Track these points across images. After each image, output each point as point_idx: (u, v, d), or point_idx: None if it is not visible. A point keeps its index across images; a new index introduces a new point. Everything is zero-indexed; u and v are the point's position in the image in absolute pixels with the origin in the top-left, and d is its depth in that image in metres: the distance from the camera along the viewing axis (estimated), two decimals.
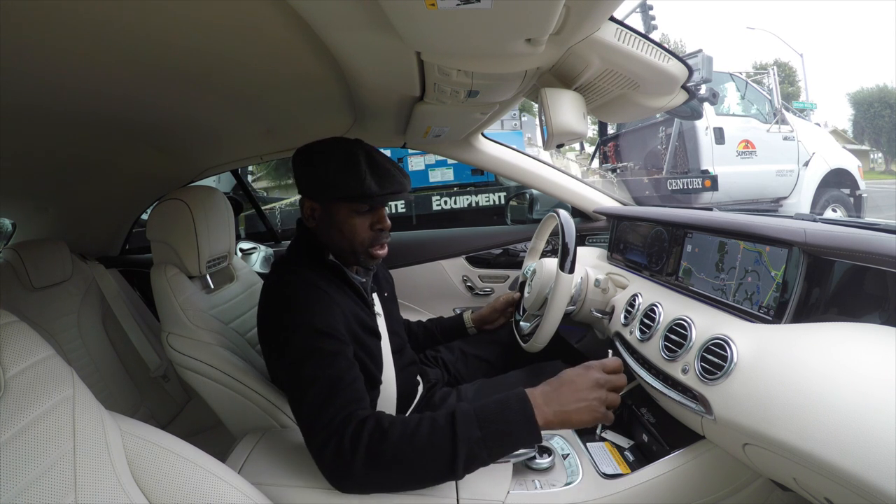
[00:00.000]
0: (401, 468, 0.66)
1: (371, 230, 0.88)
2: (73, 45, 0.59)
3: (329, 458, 0.67)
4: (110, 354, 1.45)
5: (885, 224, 0.77)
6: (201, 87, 0.83)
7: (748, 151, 4.83)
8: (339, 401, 0.70)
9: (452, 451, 0.65)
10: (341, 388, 0.72)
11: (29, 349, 0.53)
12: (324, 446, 0.67)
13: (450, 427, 0.67)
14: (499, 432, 0.67)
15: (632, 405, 0.98)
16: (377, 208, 0.89)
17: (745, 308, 0.79)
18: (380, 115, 1.19)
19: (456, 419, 0.67)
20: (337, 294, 0.84)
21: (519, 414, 0.68)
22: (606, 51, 0.75)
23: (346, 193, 0.83)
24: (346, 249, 0.88)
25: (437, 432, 0.67)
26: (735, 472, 0.77)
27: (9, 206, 1.49)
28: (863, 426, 0.50)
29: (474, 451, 0.66)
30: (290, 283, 0.82)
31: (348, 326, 0.82)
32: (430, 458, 0.66)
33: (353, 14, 0.59)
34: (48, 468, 0.48)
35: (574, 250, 0.98)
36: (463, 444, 0.65)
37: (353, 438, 0.66)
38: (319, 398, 0.70)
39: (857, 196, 5.14)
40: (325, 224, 0.88)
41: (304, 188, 0.88)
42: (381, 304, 1.01)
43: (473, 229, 1.85)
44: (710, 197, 4.47)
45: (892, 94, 15.45)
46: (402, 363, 1.00)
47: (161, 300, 1.02)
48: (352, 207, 0.85)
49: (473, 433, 0.66)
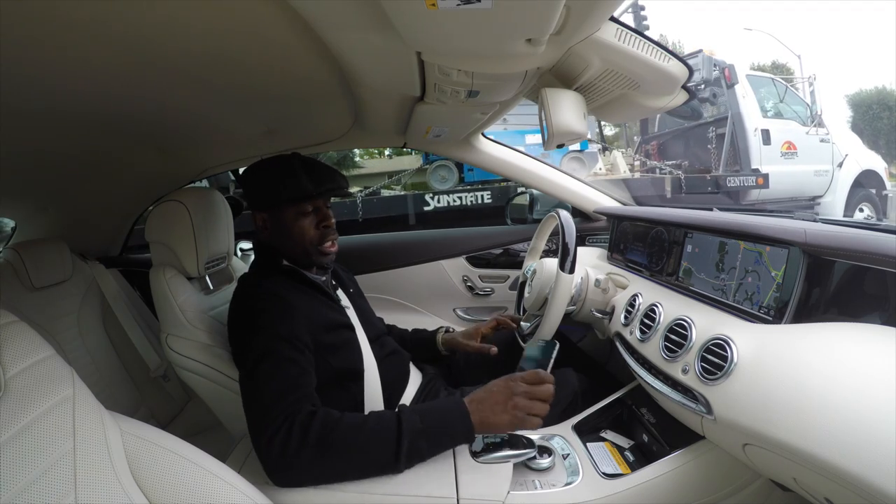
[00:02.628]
0: (347, 456, 0.70)
1: (317, 229, 0.95)
2: (74, 46, 0.59)
3: (276, 448, 0.69)
4: (110, 354, 1.45)
5: (885, 224, 0.77)
6: (202, 87, 0.83)
7: (791, 152, 5.12)
8: (290, 398, 0.74)
9: (397, 439, 0.70)
10: (292, 388, 0.75)
11: (29, 349, 0.53)
12: (273, 437, 0.69)
13: (395, 418, 0.72)
14: (438, 427, 0.73)
15: (632, 405, 0.98)
16: (320, 208, 0.96)
17: (745, 308, 0.79)
18: (380, 115, 1.19)
19: (401, 412, 0.73)
20: (298, 298, 0.89)
21: (456, 413, 0.74)
22: (607, 51, 0.75)
23: (288, 196, 0.91)
24: (298, 252, 0.95)
25: (384, 422, 0.72)
26: (735, 473, 0.77)
27: (9, 206, 1.49)
28: (863, 426, 0.50)
29: (416, 442, 0.70)
30: (252, 295, 0.88)
31: (312, 328, 0.86)
32: (376, 446, 0.70)
33: (354, 14, 0.59)
34: (48, 468, 0.48)
35: (574, 250, 0.98)
36: (406, 434, 0.70)
37: (302, 428, 0.69)
38: (270, 396, 0.74)
39: (883, 196, 5.51)
40: (277, 231, 0.95)
41: (253, 202, 0.96)
42: (347, 299, 1.05)
43: (473, 229, 1.85)
44: (758, 194, 4.79)
45: (891, 96, 15.32)
46: (382, 353, 1.01)
47: (160, 301, 1.02)
48: (296, 210, 0.93)
49: (416, 425, 0.71)
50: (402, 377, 1.04)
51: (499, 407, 0.74)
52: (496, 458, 0.76)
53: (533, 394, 0.75)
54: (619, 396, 1.02)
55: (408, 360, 1.10)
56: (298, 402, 0.73)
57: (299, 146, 1.47)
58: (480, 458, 0.76)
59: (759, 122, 5.01)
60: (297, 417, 0.70)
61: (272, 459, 0.69)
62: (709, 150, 5.22)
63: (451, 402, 0.76)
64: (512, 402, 0.74)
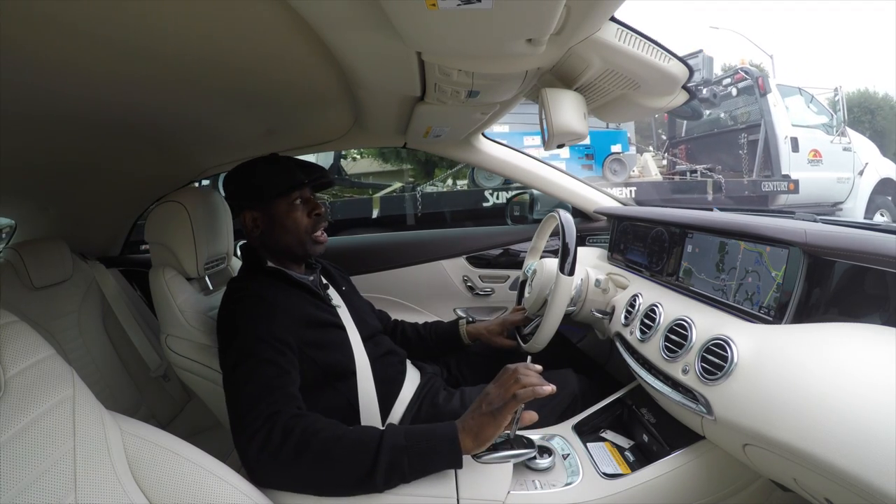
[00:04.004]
0: (322, 466, 0.67)
1: (310, 217, 0.97)
2: (74, 50, 0.59)
3: (256, 447, 0.68)
4: (111, 354, 1.45)
5: (886, 224, 0.77)
6: (202, 88, 0.83)
7: (817, 160, 5.43)
8: (271, 398, 0.74)
9: (376, 454, 0.67)
10: (269, 390, 0.75)
11: (29, 349, 0.53)
12: (253, 435, 0.69)
13: (377, 433, 0.70)
14: (422, 447, 0.69)
15: (632, 405, 0.98)
16: (309, 199, 0.99)
17: (745, 308, 0.79)
18: (380, 115, 1.19)
19: (385, 429, 0.71)
20: (284, 299, 0.89)
21: (444, 435, 0.70)
22: (607, 51, 0.75)
23: (281, 188, 0.93)
24: (293, 243, 0.96)
25: (366, 434, 0.70)
26: (735, 473, 0.77)
27: (9, 206, 1.49)
28: (863, 426, 0.50)
29: (396, 458, 0.67)
30: (237, 299, 0.88)
31: (295, 328, 0.86)
32: (354, 460, 0.67)
33: (354, 14, 0.59)
34: (48, 468, 0.48)
35: (574, 251, 0.98)
36: (386, 451, 0.67)
37: (284, 430, 0.69)
38: (252, 395, 0.74)
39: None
40: (269, 227, 0.96)
41: (243, 201, 0.97)
42: (339, 297, 1.05)
43: (473, 229, 1.85)
44: (786, 199, 5.05)
45: (874, 99, 15.07)
46: (377, 352, 1.01)
47: (160, 302, 1.02)
48: (288, 202, 0.95)
49: (399, 441, 0.69)
50: (398, 376, 1.03)
51: (489, 424, 0.70)
52: (496, 458, 0.76)
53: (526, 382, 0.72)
54: (619, 396, 1.02)
55: (405, 359, 1.09)
56: (276, 403, 0.73)
57: (299, 146, 1.47)
58: (480, 458, 0.75)
59: (789, 131, 5.30)
60: (278, 419, 0.70)
61: (250, 459, 0.69)
62: (738, 155, 5.52)
63: (442, 424, 0.73)
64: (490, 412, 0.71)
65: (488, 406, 0.72)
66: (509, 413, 0.71)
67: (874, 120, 14.47)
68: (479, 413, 0.72)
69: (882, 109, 14.98)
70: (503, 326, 1.20)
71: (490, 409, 0.71)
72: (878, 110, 14.90)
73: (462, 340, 1.22)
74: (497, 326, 1.21)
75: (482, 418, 0.71)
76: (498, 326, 1.21)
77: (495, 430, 0.71)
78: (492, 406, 0.72)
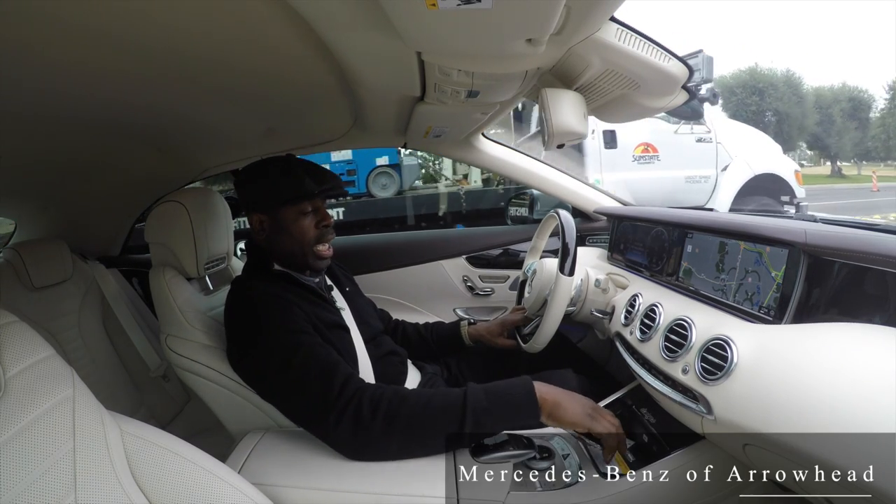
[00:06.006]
0: (415, 431, 0.74)
1: (317, 228, 0.96)
2: (74, 49, 0.59)
3: (348, 425, 0.72)
4: (110, 354, 1.45)
5: (886, 224, 0.77)
6: (202, 88, 0.83)
7: (648, 156, 4.34)
8: (338, 379, 0.77)
9: (462, 418, 0.74)
10: (333, 368, 0.78)
11: (29, 349, 0.53)
12: (341, 415, 0.72)
13: (460, 398, 0.76)
14: (503, 411, 0.76)
15: (632, 405, 0.98)
16: (319, 208, 0.97)
17: (745, 308, 0.79)
18: (380, 115, 1.19)
19: (467, 390, 0.78)
20: (293, 298, 0.90)
21: (521, 389, 0.78)
22: (607, 51, 0.75)
23: (290, 196, 0.92)
24: (296, 252, 0.96)
25: (449, 399, 0.77)
26: (735, 473, 0.77)
27: (9, 206, 1.49)
28: (863, 427, 0.50)
29: (480, 419, 0.74)
30: (250, 299, 0.88)
31: (311, 323, 0.87)
32: (441, 425, 0.74)
33: (354, 14, 0.59)
34: (48, 468, 0.48)
35: (574, 251, 0.98)
36: (470, 413, 0.74)
37: (371, 403, 0.74)
38: (319, 385, 0.76)
39: (797, 205, 4.28)
40: (275, 232, 0.95)
41: (251, 204, 0.96)
42: (343, 299, 1.06)
43: (473, 229, 1.85)
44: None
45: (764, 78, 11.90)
46: (378, 353, 1.02)
47: (160, 302, 1.02)
48: (297, 210, 0.94)
49: (481, 404, 0.75)
50: (399, 376, 1.04)
51: (574, 403, 0.78)
52: (496, 458, 0.76)
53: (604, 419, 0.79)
54: (619, 396, 1.01)
55: (405, 358, 1.10)
56: (349, 379, 0.77)
57: (299, 146, 1.47)
58: (480, 458, 0.75)
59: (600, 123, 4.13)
60: (362, 394, 0.75)
61: (345, 440, 0.73)
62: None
63: (520, 382, 0.80)
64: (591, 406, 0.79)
65: (591, 407, 0.78)
66: (598, 427, 0.77)
67: (763, 102, 11.91)
68: (574, 399, 0.78)
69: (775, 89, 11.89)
70: (503, 326, 1.21)
71: (589, 410, 0.78)
72: (770, 90, 11.96)
73: (464, 342, 1.22)
74: (497, 327, 1.21)
75: (574, 402, 0.78)
76: (498, 327, 1.21)
77: (573, 419, 0.77)
78: (593, 410, 0.78)
